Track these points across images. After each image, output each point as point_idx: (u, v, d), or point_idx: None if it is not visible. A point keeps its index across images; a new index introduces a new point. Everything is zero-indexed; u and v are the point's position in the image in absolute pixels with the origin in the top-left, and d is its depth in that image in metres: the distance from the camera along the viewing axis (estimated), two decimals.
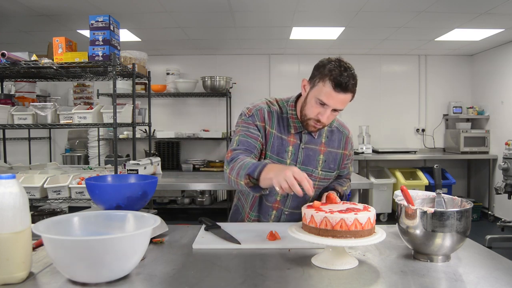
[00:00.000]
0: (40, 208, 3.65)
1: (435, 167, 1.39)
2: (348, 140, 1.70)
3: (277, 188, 1.21)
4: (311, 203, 1.27)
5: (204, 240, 1.37)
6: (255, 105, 1.61)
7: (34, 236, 1.04)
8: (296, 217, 1.64)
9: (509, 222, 4.53)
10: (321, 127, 1.53)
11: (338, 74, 1.39)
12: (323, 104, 1.44)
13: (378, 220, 5.01)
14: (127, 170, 3.32)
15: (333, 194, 1.44)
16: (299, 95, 1.61)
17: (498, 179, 4.89)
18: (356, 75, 1.44)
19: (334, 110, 1.46)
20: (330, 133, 1.65)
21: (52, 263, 1.15)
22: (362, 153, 5.46)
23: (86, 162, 5.55)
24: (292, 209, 1.64)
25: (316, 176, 1.61)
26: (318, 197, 1.60)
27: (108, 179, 1.51)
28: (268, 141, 1.57)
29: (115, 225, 1.17)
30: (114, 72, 3.10)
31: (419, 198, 1.34)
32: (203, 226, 1.51)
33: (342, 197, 1.65)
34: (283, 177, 1.19)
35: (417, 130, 5.98)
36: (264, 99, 1.64)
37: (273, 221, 1.65)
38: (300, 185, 1.19)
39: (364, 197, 5.15)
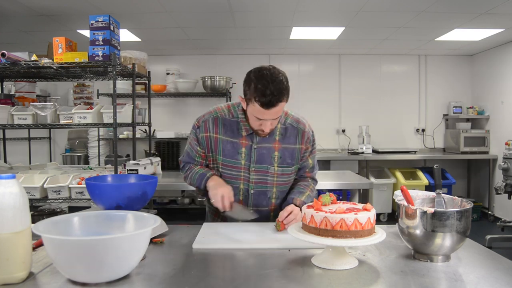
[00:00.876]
0: (40, 208, 3.65)
1: (435, 167, 1.39)
2: (305, 134, 1.72)
3: (213, 201, 1.55)
4: (311, 204, 1.27)
5: (204, 240, 1.38)
6: (203, 116, 1.74)
7: (34, 236, 1.05)
8: (262, 215, 1.70)
9: (509, 222, 4.53)
10: (270, 131, 1.61)
11: (261, 95, 1.46)
12: (260, 119, 1.54)
13: (378, 220, 5.01)
14: (127, 170, 3.31)
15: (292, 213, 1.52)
16: None
17: (498, 179, 4.89)
18: (283, 80, 1.49)
19: (273, 119, 1.54)
20: (284, 131, 1.70)
21: (52, 263, 1.15)
22: (362, 153, 5.45)
23: (86, 162, 5.55)
24: (255, 207, 1.71)
25: (273, 173, 1.68)
26: (282, 201, 1.73)
27: (108, 179, 1.51)
28: (218, 147, 1.68)
29: (115, 225, 1.18)
30: (114, 72, 3.10)
31: (419, 198, 1.34)
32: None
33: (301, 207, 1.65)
34: (214, 196, 1.55)
35: (417, 130, 5.98)
36: (212, 108, 1.76)
37: None
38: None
39: (364, 197, 5.14)
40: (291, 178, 1.74)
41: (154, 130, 5.45)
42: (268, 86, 1.46)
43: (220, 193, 1.55)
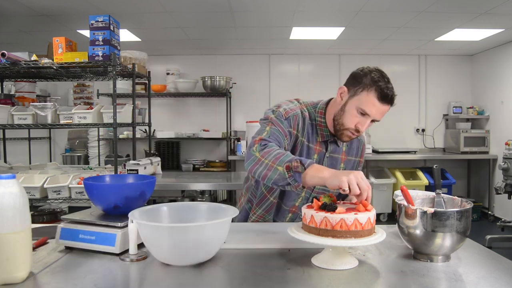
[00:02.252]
0: (40, 208, 3.65)
1: (434, 167, 1.38)
2: (364, 147, 1.70)
3: (345, 188, 1.14)
4: (311, 203, 1.27)
5: None
6: (292, 109, 1.50)
7: (34, 236, 1.05)
8: None
9: (509, 222, 4.53)
10: (356, 137, 1.51)
11: (384, 85, 1.38)
12: (364, 114, 1.41)
13: (378, 220, 5.01)
14: (127, 170, 3.31)
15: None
16: (328, 102, 1.57)
17: (498, 179, 4.89)
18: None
19: (372, 121, 1.44)
20: (350, 142, 1.61)
21: (52, 263, 1.15)
22: None
23: (86, 162, 5.55)
24: None
25: None
26: None
27: (106, 179, 1.50)
28: (297, 150, 1.53)
29: (193, 215, 1.30)
30: (114, 72, 3.10)
31: (419, 198, 1.34)
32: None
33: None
34: (354, 178, 1.13)
35: (417, 130, 5.98)
36: (296, 103, 1.55)
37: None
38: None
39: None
40: None
41: (154, 130, 5.45)
42: (389, 82, 1.40)
43: (358, 174, 1.16)
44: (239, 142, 5.40)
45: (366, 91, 1.39)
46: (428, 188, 5.11)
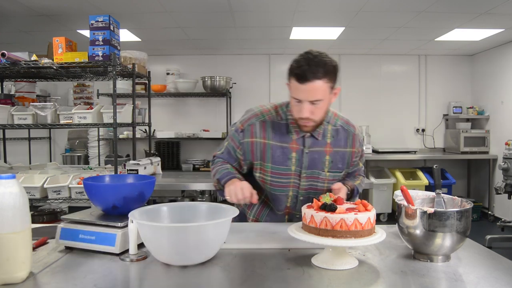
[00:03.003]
0: (40, 208, 3.65)
1: (434, 167, 1.38)
2: (356, 137, 1.63)
3: (227, 197, 1.46)
4: (311, 203, 1.27)
5: None
6: (249, 119, 1.58)
7: (34, 236, 1.05)
8: None
9: (509, 222, 4.53)
10: (313, 124, 1.49)
11: (296, 67, 1.39)
12: (298, 100, 1.43)
13: (378, 220, 5.01)
14: (127, 170, 3.31)
15: (340, 196, 1.39)
16: None
17: (498, 179, 4.89)
18: (327, 61, 1.39)
19: (312, 103, 1.42)
20: (336, 132, 1.59)
21: (52, 263, 1.15)
22: None
23: (86, 162, 5.55)
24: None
25: (323, 178, 1.58)
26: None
27: (106, 179, 1.51)
28: (266, 154, 1.55)
29: (193, 215, 1.31)
30: (114, 72, 3.10)
31: (419, 198, 1.34)
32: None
33: (352, 192, 1.63)
34: (233, 189, 1.44)
35: (417, 130, 5.98)
36: (259, 108, 1.61)
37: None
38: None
39: (364, 197, 5.15)
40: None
41: (154, 130, 5.45)
42: (305, 58, 1.38)
43: (238, 186, 1.44)
44: None
45: (289, 81, 1.44)
46: (428, 188, 5.11)
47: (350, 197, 1.64)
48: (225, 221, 1.15)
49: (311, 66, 1.36)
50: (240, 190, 1.43)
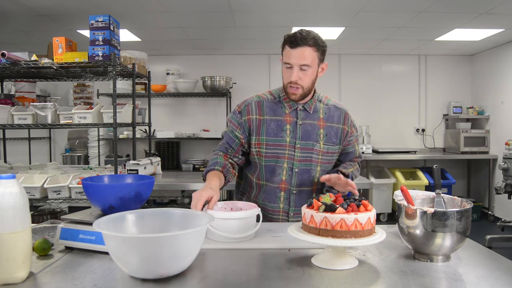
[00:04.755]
0: (40, 208, 3.65)
1: (434, 167, 1.38)
2: (347, 116, 1.74)
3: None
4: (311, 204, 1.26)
5: (204, 240, 1.37)
6: (244, 101, 1.74)
7: (34, 236, 1.05)
8: (304, 196, 1.68)
9: (509, 222, 4.53)
10: (301, 92, 1.61)
11: (289, 36, 1.58)
12: (289, 66, 1.58)
13: (378, 220, 5.01)
14: (127, 170, 3.31)
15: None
16: None
17: (498, 179, 4.89)
18: (315, 34, 1.58)
19: (301, 69, 1.57)
20: (328, 110, 1.71)
21: (52, 263, 1.15)
22: (362, 153, 5.44)
23: (86, 162, 5.55)
24: (298, 187, 1.68)
25: (318, 150, 1.67)
26: (324, 184, 1.66)
27: (104, 180, 1.50)
28: (261, 128, 1.66)
29: (172, 223, 1.20)
30: (114, 72, 3.10)
31: (419, 198, 1.34)
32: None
33: (347, 177, 1.67)
34: (194, 196, 1.40)
35: (417, 130, 5.98)
36: (255, 94, 1.76)
37: (283, 204, 1.69)
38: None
39: (364, 197, 5.13)
40: (334, 158, 1.72)
41: (154, 130, 5.45)
42: (301, 31, 1.57)
43: (197, 196, 1.40)
44: None
45: (283, 51, 1.62)
46: (428, 188, 5.11)
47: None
48: (198, 230, 1.05)
49: (302, 34, 1.56)
50: (196, 200, 1.38)
